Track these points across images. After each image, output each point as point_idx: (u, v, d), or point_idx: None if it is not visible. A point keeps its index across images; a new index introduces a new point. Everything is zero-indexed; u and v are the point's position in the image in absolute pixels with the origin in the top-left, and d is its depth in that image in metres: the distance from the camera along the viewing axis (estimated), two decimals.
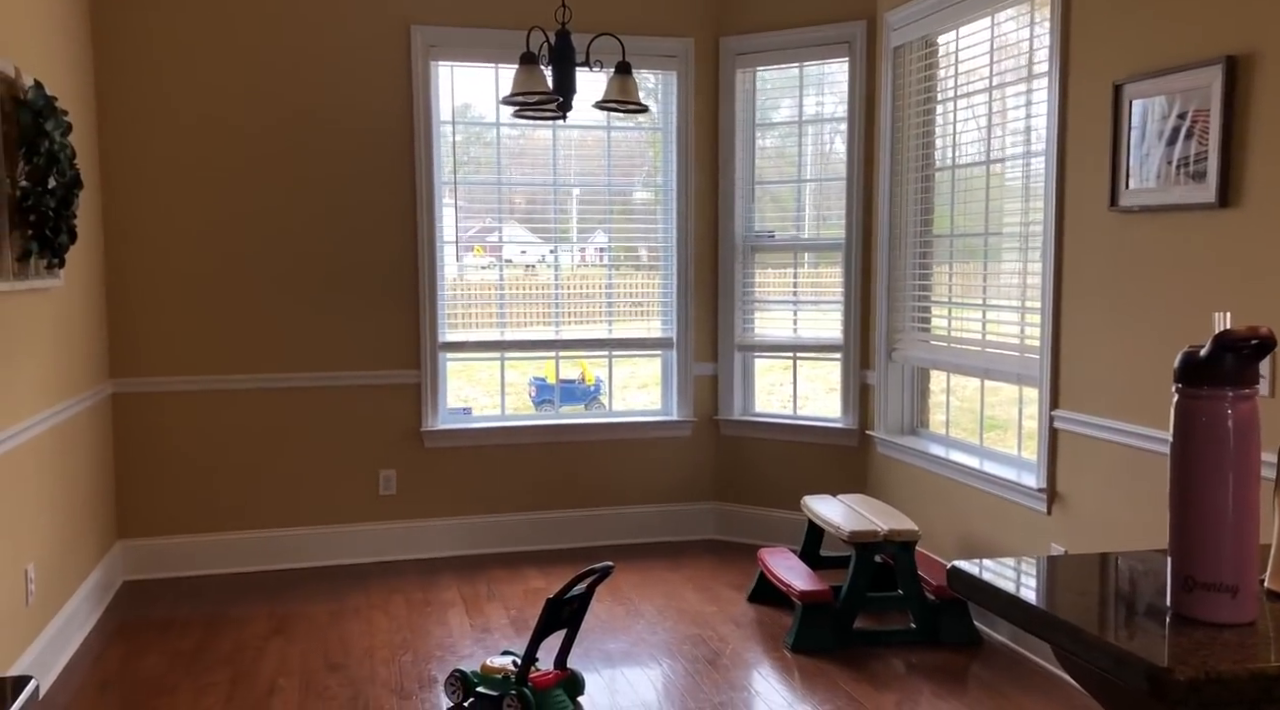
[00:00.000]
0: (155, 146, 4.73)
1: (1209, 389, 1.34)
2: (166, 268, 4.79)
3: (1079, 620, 1.38)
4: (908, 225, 4.77)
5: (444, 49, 5.03)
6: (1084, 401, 3.59)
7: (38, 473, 3.67)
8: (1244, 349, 1.34)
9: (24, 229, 3.40)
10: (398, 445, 5.13)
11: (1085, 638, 1.33)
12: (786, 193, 5.44)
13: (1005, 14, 4.07)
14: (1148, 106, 3.21)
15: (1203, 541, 1.36)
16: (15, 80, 3.35)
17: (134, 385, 4.78)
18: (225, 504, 4.94)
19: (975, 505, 4.22)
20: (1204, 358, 1.35)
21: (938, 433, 4.72)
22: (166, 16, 4.69)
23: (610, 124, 5.32)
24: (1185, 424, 1.37)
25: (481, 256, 5.47)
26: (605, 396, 5.71)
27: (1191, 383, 1.36)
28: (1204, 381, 1.35)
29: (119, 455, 4.79)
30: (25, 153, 3.36)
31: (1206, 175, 2.99)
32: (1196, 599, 1.35)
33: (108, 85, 4.65)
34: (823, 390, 5.52)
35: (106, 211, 4.69)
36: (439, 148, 5.10)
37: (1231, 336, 1.34)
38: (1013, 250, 4.12)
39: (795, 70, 5.22)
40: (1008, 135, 4.14)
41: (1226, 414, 1.34)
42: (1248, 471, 1.35)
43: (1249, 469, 1.35)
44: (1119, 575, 1.66)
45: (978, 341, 4.31)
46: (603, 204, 5.46)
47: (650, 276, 5.57)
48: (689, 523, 5.51)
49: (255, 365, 4.92)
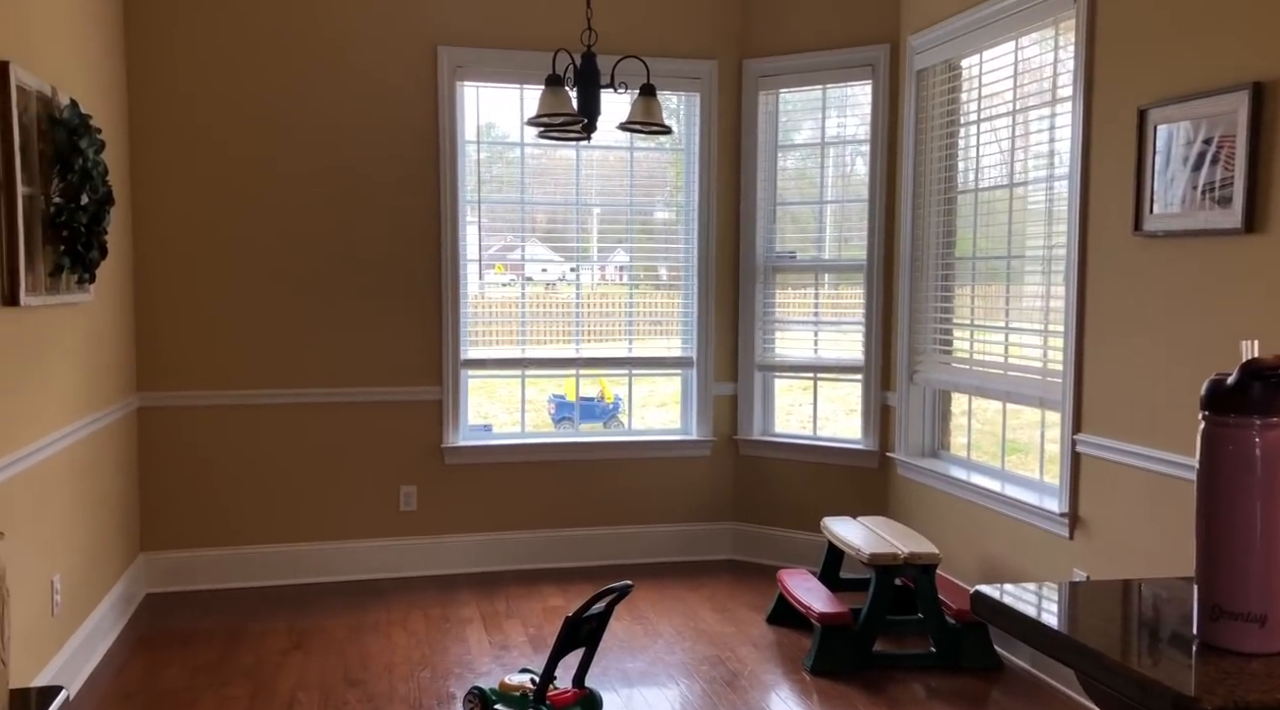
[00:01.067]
0: (185, 164, 4.80)
1: (1236, 417, 1.34)
2: (194, 283, 4.85)
3: (1103, 646, 1.37)
4: (930, 247, 4.77)
5: (470, 69, 5.09)
6: (1107, 426, 3.57)
7: (66, 485, 3.71)
8: (1272, 378, 1.34)
9: (56, 245, 3.45)
10: (419, 461, 5.16)
11: (1110, 664, 1.32)
12: (808, 213, 5.46)
13: (1029, 38, 4.08)
14: (1172, 131, 3.21)
15: (1230, 570, 1.35)
16: (52, 99, 3.42)
17: (160, 399, 4.83)
18: (247, 518, 4.97)
19: (996, 529, 4.20)
20: (1231, 386, 1.35)
21: (959, 455, 4.71)
22: (199, 37, 4.77)
23: (633, 144, 5.35)
24: (1212, 452, 1.37)
25: (503, 274, 5.51)
26: (624, 415, 5.72)
27: (1218, 410, 1.36)
28: (1231, 410, 1.35)
29: (143, 469, 4.84)
30: (59, 170, 3.42)
31: (1232, 201, 2.98)
32: (1223, 628, 1.35)
33: (140, 103, 4.72)
34: (843, 411, 5.52)
35: (136, 227, 4.76)
36: (463, 166, 5.15)
37: (1259, 365, 1.34)
38: (1035, 273, 4.12)
39: (818, 92, 5.24)
40: (1031, 159, 4.14)
41: (1254, 442, 1.34)
42: (1275, 500, 1.34)
43: (1277, 498, 1.35)
44: (1143, 602, 1.66)
45: (1000, 364, 4.30)
46: (624, 223, 5.49)
47: (670, 295, 5.59)
48: (708, 543, 5.51)
49: (279, 380, 4.96)
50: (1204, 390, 1.38)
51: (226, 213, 4.86)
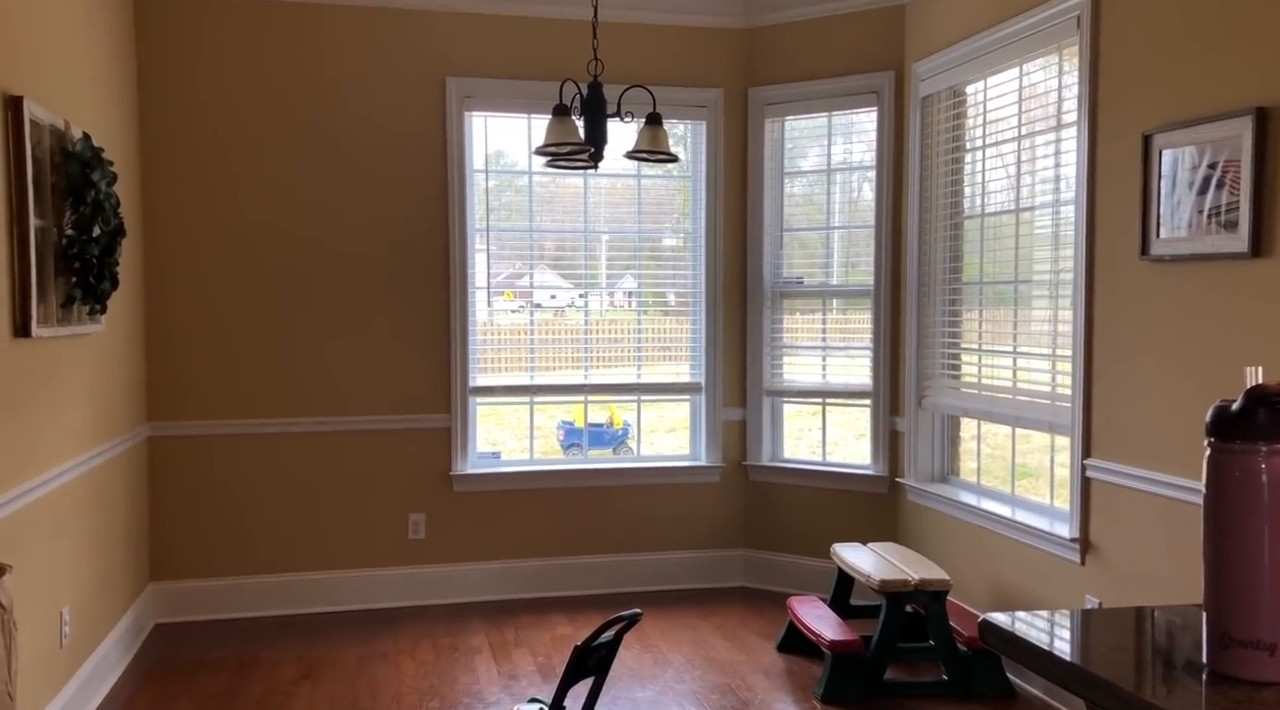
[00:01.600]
0: (196, 194, 4.84)
1: (1242, 443, 1.34)
2: (203, 312, 4.88)
3: (1115, 676, 1.36)
4: (936, 272, 4.77)
5: (478, 99, 5.13)
6: (1117, 450, 3.56)
7: (76, 515, 3.72)
8: (1277, 403, 1.33)
9: (68, 276, 3.48)
10: (427, 489, 5.16)
11: (1122, 695, 1.31)
12: (815, 239, 5.47)
13: (1033, 64, 4.10)
14: (1178, 156, 3.22)
15: (1239, 598, 1.35)
16: (65, 133, 3.46)
17: (170, 429, 4.85)
18: (256, 547, 4.97)
19: (1007, 555, 4.18)
20: (1236, 412, 1.35)
21: (969, 480, 4.69)
22: (210, 70, 4.82)
23: (640, 172, 5.38)
24: (1218, 478, 1.37)
25: (512, 301, 5.53)
26: (633, 440, 5.71)
27: (1224, 437, 1.36)
28: (1236, 436, 1.35)
29: (153, 498, 4.85)
30: (72, 202, 3.45)
31: (1238, 225, 2.98)
32: (1233, 656, 1.34)
33: (152, 135, 4.77)
34: (852, 436, 5.50)
35: (147, 257, 4.80)
36: (472, 195, 5.18)
37: (1264, 391, 1.34)
38: (1043, 297, 4.12)
39: (824, 119, 5.27)
40: (1037, 184, 4.15)
41: (1260, 468, 1.34)
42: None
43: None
44: (1156, 630, 1.65)
45: (1008, 389, 4.29)
46: (632, 249, 5.51)
47: (679, 321, 5.60)
48: (717, 570, 5.48)
49: (288, 409, 4.98)
50: (1209, 416, 1.38)
51: (236, 242, 4.90)
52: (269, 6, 4.86)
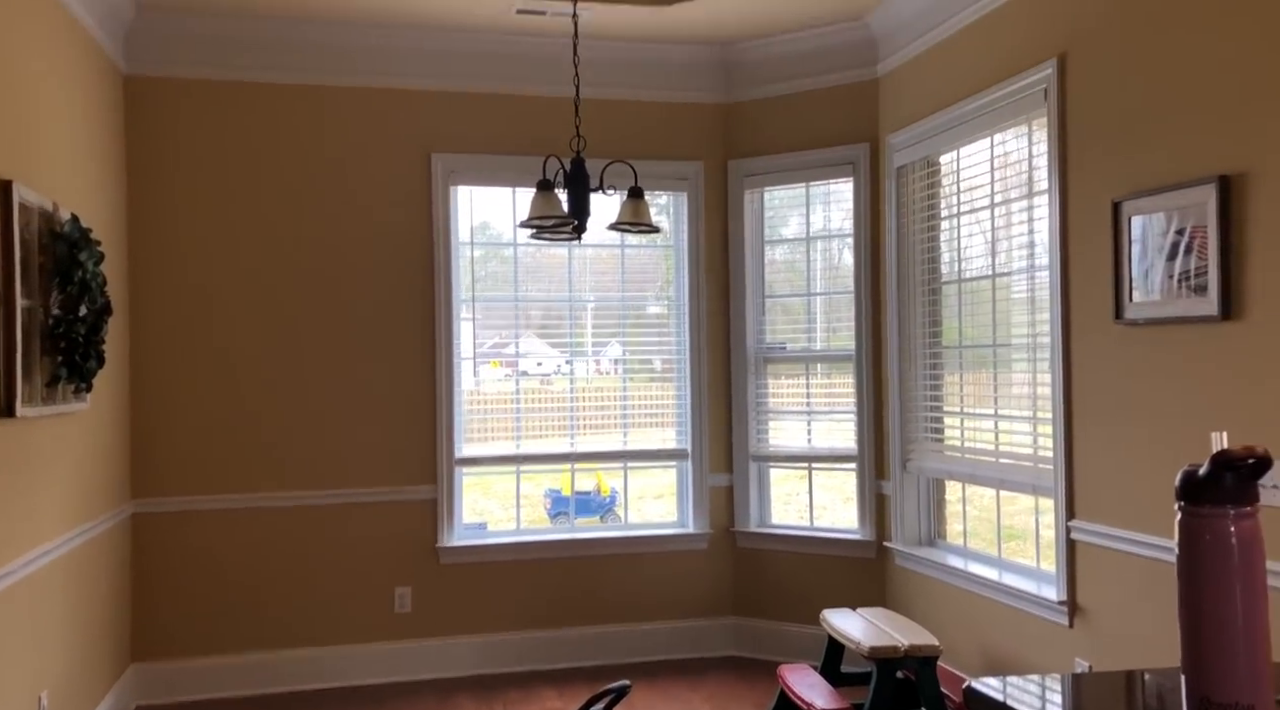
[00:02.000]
0: (182, 271, 4.88)
1: (1210, 507, 1.37)
2: (189, 387, 4.88)
3: None
4: (917, 336, 4.83)
5: (463, 174, 5.22)
6: (1100, 512, 3.58)
7: (58, 597, 3.68)
8: (1242, 468, 1.37)
9: (54, 355, 3.50)
10: (413, 562, 5.12)
11: None
12: (797, 304, 5.54)
13: (1004, 134, 4.21)
14: (1147, 222, 3.30)
15: (1216, 660, 1.36)
16: (54, 214, 3.50)
17: (154, 506, 4.82)
18: (239, 625, 4.91)
19: (996, 618, 4.17)
20: (1203, 477, 1.38)
21: (955, 543, 4.69)
22: (198, 147, 4.90)
23: (624, 241, 5.46)
24: (1190, 542, 1.39)
25: (498, 369, 5.56)
26: (621, 508, 5.71)
27: (1193, 501, 1.39)
28: (1205, 499, 1.37)
29: (136, 577, 4.80)
30: (59, 282, 3.49)
31: (1208, 288, 3.05)
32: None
33: (140, 211, 4.82)
34: (839, 499, 5.51)
35: (133, 334, 4.81)
36: (457, 267, 5.24)
37: (1229, 456, 1.37)
38: (1022, 360, 4.17)
39: (802, 189, 5.37)
40: (1013, 249, 4.23)
41: (1230, 532, 1.36)
42: (1255, 588, 1.36)
43: (1256, 586, 1.36)
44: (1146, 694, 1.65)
45: (991, 452, 4.32)
46: (616, 316, 5.57)
47: (664, 387, 5.63)
48: (708, 639, 5.44)
49: (272, 484, 4.96)
50: (1178, 481, 1.41)
51: (222, 317, 4.92)
52: (256, 88, 4.95)
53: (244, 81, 4.93)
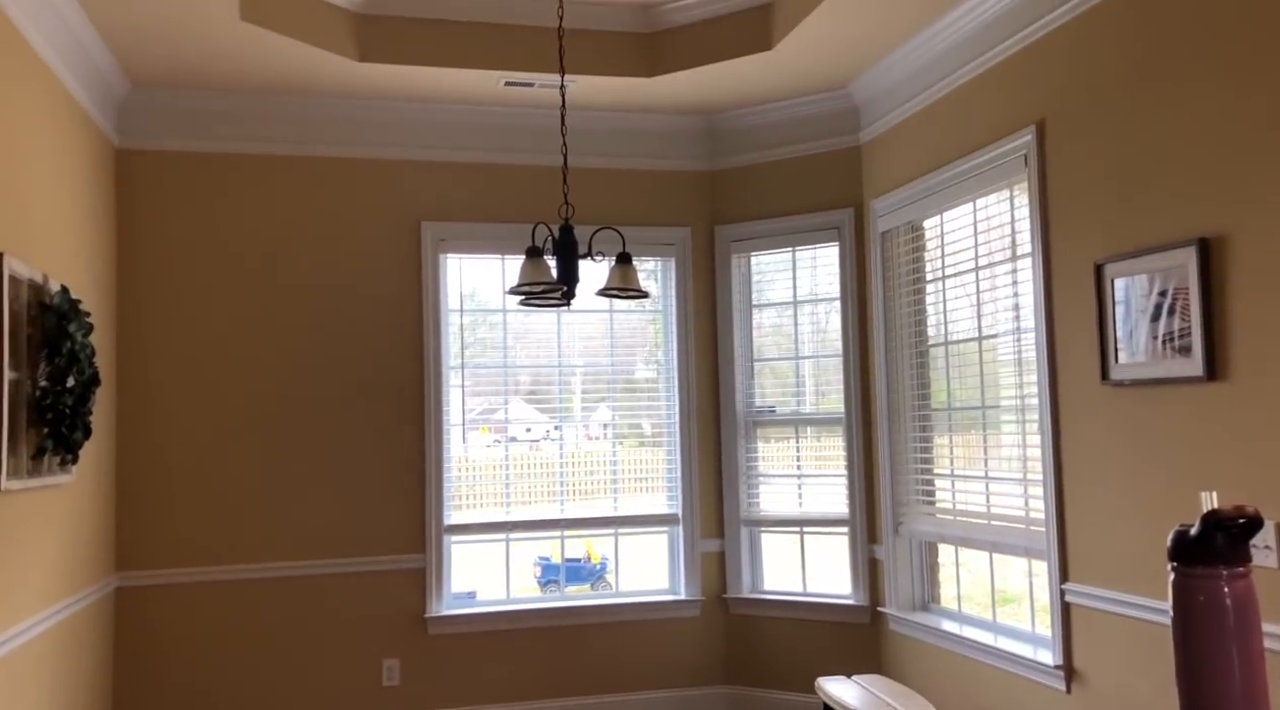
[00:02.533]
0: (170, 342, 4.88)
1: (1203, 568, 1.37)
2: (175, 458, 4.85)
3: None
4: (906, 398, 4.85)
5: (452, 242, 5.26)
6: (1094, 575, 3.56)
7: (39, 674, 3.61)
8: (1233, 528, 1.37)
9: (40, 427, 3.48)
10: (401, 633, 5.04)
11: None
12: (785, 368, 5.56)
13: (986, 199, 4.28)
14: (1130, 284, 3.34)
15: None
16: (43, 286, 3.51)
17: (138, 578, 4.75)
18: (224, 701, 4.81)
19: (993, 684, 4.12)
20: (1195, 537, 1.38)
21: (950, 607, 4.65)
22: (188, 218, 4.93)
23: (612, 306, 5.49)
24: (1184, 603, 1.39)
25: (486, 435, 5.54)
26: (611, 575, 5.65)
27: (1185, 562, 1.39)
28: (1197, 561, 1.38)
29: (118, 652, 4.71)
30: (47, 354, 3.48)
31: (1192, 349, 3.07)
32: None
33: (129, 282, 4.84)
34: (832, 563, 5.47)
35: (120, 405, 4.79)
36: (446, 333, 5.26)
37: (1219, 516, 1.37)
38: (1011, 423, 4.18)
39: (788, 254, 5.43)
40: (998, 312, 4.27)
41: (1224, 592, 1.36)
42: (1251, 649, 1.36)
43: (1252, 646, 1.36)
44: None
45: (983, 514, 4.30)
46: (606, 381, 5.57)
47: (654, 452, 5.61)
48: (701, 708, 5.34)
49: (259, 555, 4.90)
50: (1169, 542, 1.41)
51: (209, 387, 4.91)
52: (247, 159, 5.01)
53: (234, 153, 4.99)
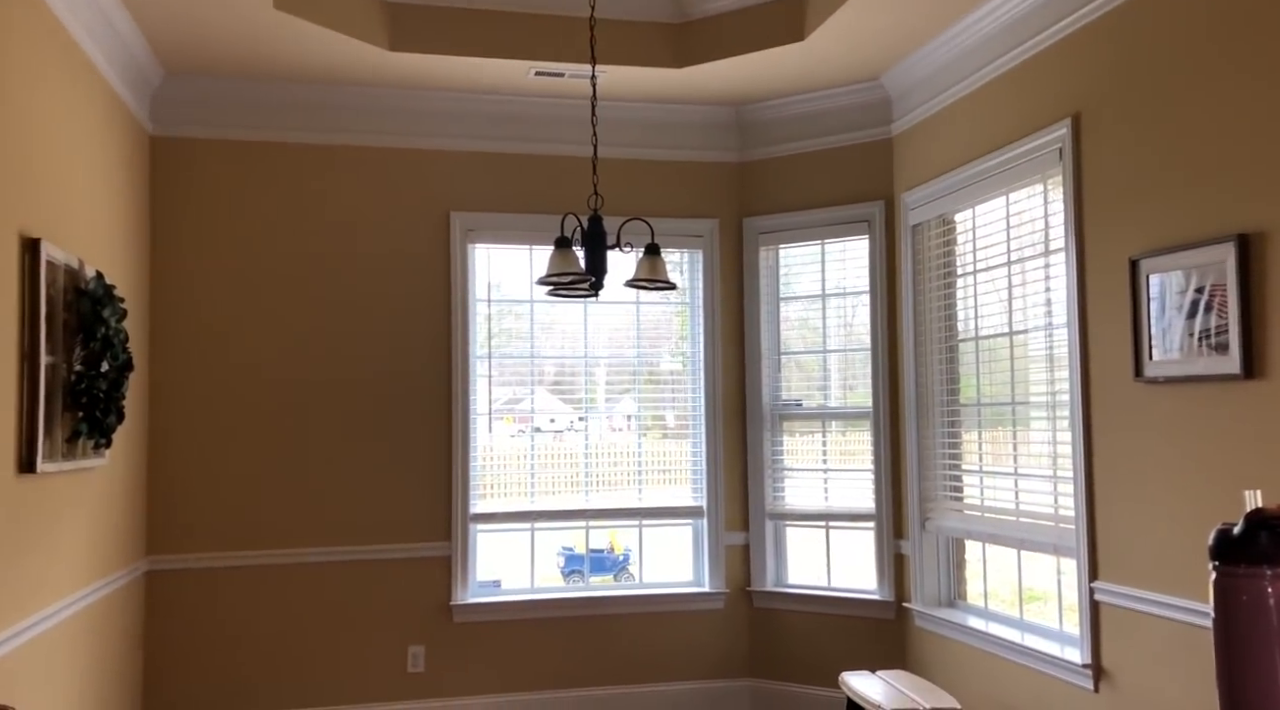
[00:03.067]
0: (202, 326, 4.92)
1: (1246, 567, 1.35)
2: (206, 443, 4.89)
3: None
4: (934, 393, 4.82)
5: (481, 232, 5.27)
6: (1125, 573, 3.53)
7: (71, 653, 3.65)
8: (1278, 527, 1.35)
9: (75, 411, 3.52)
10: (427, 620, 5.07)
11: None
12: (812, 361, 5.53)
13: (1020, 193, 4.23)
14: (1165, 281, 3.30)
15: None
16: (79, 271, 3.55)
17: (169, 562, 4.80)
18: (252, 684, 4.86)
19: (1019, 682, 4.09)
20: (1238, 536, 1.36)
21: (976, 604, 4.62)
22: (221, 206, 4.97)
23: (639, 298, 5.48)
24: (1226, 603, 1.37)
25: (511, 425, 5.56)
26: (635, 566, 5.65)
27: (1228, 561, 1.37)
28: (1240, 560, 1.36)
29: (148, 634, 4.76)
30: (82, 338, 3.52)
31: (1229, 347, 3.03)
32: None
33: (162, 268, 4.88)
34: (857, 558, 5.45)
35: (153, 390, 4.84)
36: (474, 324, 5.27)
37: (1264, 514, 1.35)
38: (1041, 419, 4.14)
39: (817, 247, 5.40)
40: (1029, 307, 4.23)
41: (1267, 592, 1.34)
42: None
43: None
44: None
45: (1011, 511, 4.27)
46: (631, 372, 5.57)
47: (679, 444, 5.61)
48: (723, 701, 5.35)
49: (288, 540, 4.94)
50: (1211, 541, 1.39)
51: (240, 375, 4.95)
52: (279, 148, 5.04)
53: (267, 142, 5.02)
